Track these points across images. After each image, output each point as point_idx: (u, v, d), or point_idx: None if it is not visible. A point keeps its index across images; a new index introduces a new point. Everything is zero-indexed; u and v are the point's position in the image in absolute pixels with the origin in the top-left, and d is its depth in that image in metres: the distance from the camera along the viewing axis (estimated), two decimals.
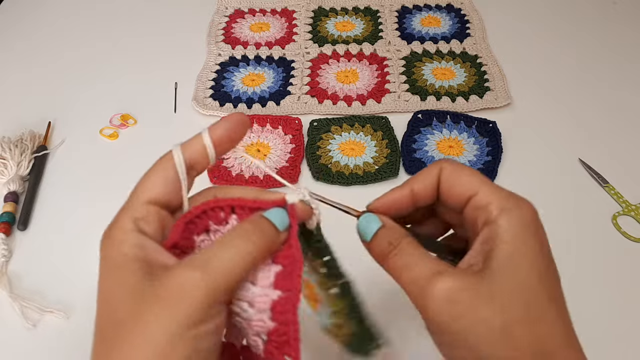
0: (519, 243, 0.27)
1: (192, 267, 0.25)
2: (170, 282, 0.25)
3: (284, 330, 0.27)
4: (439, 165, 0.31)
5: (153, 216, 0.28)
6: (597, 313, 0.50)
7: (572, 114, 0.70)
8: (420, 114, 0.69)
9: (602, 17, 0.86)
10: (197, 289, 0.24)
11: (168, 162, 0.29)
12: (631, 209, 0.59)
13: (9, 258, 0.54)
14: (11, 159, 0.61)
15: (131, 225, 0.27)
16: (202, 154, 0.29)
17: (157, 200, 0.28)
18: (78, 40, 0.82)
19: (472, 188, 0.29)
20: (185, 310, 0.24)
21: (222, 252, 0.26)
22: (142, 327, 0.24)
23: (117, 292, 0.25)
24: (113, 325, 0.25)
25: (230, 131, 0.30)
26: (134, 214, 0.27)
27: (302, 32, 0.83)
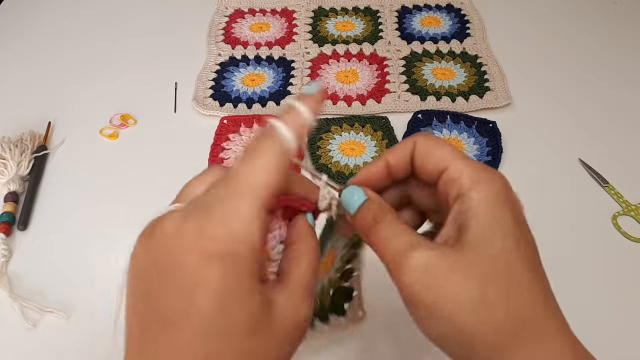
0: (491, 214, 0.27)
1: (310, 304, 0.27)
2: (295, 322, 0.26)
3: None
4: (413, 139, 0.31)
5: (268, 226, 0.27)
6: (597, 313, 0.50)
7: (572, 114, 0.70)
8: (420, 114, 0.69)
9: (602, 17, 0.86)
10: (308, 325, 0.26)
11: (280, 150, 0.25)
12: (631, 209, 0.59)
13: (9, 258, 0.54)
14: (11, 159, 0.61)
15: (261, 240, 0.24)
16: (302, 134, 0.26)
17: (272, 207, 0.25)
18: (78, 40, 0.82)
19: (444, 162, 0.29)
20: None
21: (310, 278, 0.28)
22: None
23: (237, 312, 0.23)
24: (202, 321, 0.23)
25: (319, 106, 0.27)
26: (263, 225, 0.24)
27: (302, 32, 0.83)
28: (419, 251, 0.27)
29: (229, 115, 0.69)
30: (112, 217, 0.58)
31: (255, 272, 0.24)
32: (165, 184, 0.62)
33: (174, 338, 0.23)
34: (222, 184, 0.25)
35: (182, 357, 0.23)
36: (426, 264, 0.27)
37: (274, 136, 0.25)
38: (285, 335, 0.25)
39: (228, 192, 0.24)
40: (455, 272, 0.26)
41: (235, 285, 0.23)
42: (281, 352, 0.25)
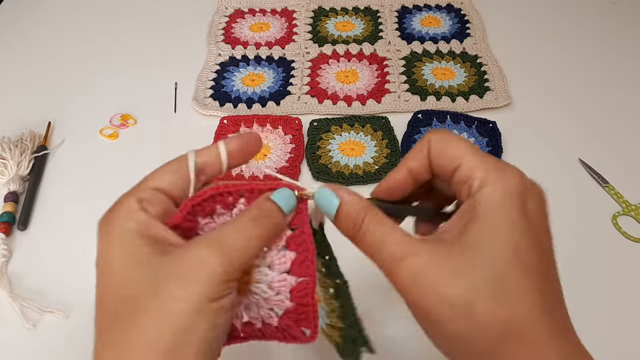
0: (495, 218, 0.27)
1: (209, 245, 0.26)
2: (188, 258, 0.26)
3: (303, 310, 0.29)
4: (428, 136, 0.31)
5: (158, 199, 0.28)
6: (597, 313, 0.50)
7: (572, 114, 0.70)
8: (420, 114, 0.69)
9: (602, 17, 0.86)
10: (215, 266, 0.25)
11: (181, 162, 0.30)
12: (631, 209, 0.59)
13: (9, 258, 0.54)
14: (11, 159, 0.61)
15: (136, 205, 0.27)
16: (214, 160, 0.30)
17: (164, 189, 0.29)
18: (78, 40, 0.82)
19: (457, 159, 0.29)
20: (206, 286, 0.25)
21: (235, 232, 0.27)
22: (162, 300, 0.25)
23: (126, 267, 0.26)
24: (125, 301, 0.25)
25: (244, 146, 0.31)
26: (139, 195, 0.28)
27: (302, 32, 0.83)
28: (412, 258, 0.27)
29: (229, 115, 0.69)
30: None
31: (138, 230, 0.27)
32: None
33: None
34: None
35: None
36: (416, 272, 0.27)
37: (180, 157, 0.31)
38: (181, 271, 0.26)
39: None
40: (444, 279, 0.26)
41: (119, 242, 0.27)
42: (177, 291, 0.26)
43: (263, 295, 0.30)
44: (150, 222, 0.27)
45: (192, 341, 0.25)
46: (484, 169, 0.28)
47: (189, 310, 0.24)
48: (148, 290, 0.25)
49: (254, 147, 0.31)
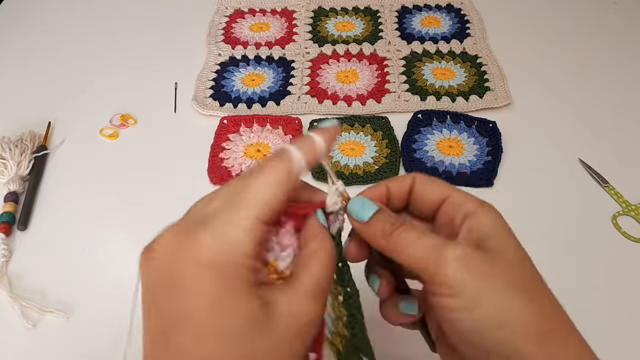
0: (504, 231, 0.30)
1: (315, 300, 0.27)
2: (296, 321, 0.26)
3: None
4: (413, 175, 0.33)
5: (264, 238, 0.26)
6: (597, 313, 0.50)
7: (572, 114, 0.70)
8: (420, 114, 0.69)
9: (602, 17, 0.86)
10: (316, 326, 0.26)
11: (286, 168, 0.27)
12: (631, 209, 0.59)
13: (9, 258, 0.54)
14: (11, 159, 0.61)
15: (252, 250, 0.25)
16: (313, 161, 0.29)
17: (272, 221, 0.26)
18: (78, 41, 0.82)
19: (445, 192, 0.32)
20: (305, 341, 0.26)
21: (324, 280, 0.27)
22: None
23: (238, 307, 0.24)
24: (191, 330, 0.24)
25: (332, 140, 0.30)
26: (257, 237, 0.25)
27: (302, 32, 0.83)
28: (457, 245, 0.28)
29: (229, 115, 0.69)
30: (112, 217, 0.58)
31: (249, 278, 0.25)
32: (166, 184, 0.62)
33: (175, 345, 0.24)
34: (224, 196, 0.26)
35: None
36: (467, 257, 0.28)
37: (283, 157, 0.27)
38: (287, 335, 0.25)
39: (226, 205, 0.25)
40: (492, 268, 0.28)
41: (227, 289, 0.24)
42: (284, 353, 0.25)
43: None
44: (260, 267, 0.26)
45: None
46: (471, 199, 0.31)
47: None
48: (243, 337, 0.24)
49: (335, 140, 0.31)
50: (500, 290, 0.27)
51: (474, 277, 0.27)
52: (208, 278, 0.24)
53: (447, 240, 0.29)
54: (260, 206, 0.25)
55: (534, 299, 0.28)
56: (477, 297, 0.27)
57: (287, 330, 0.25)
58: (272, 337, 0.24)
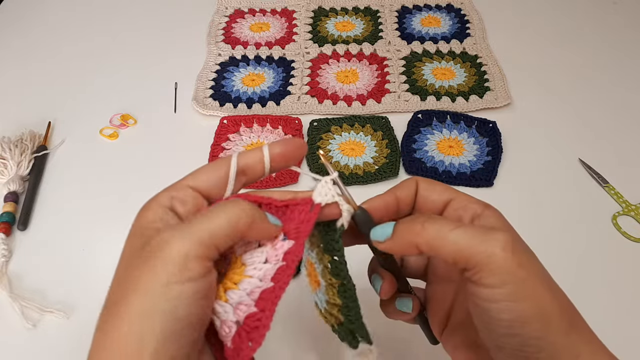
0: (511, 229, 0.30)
1: (174, 227, 0.27)
2: (156, 240, 0.27)
3: (260, 316, 0.28)
4: (414, 179, 0.34)
5: (190, 198, 0.29)
6: (597, 313, 0.50)
7: (572, 114, 0.70)
8: (420, 114, 0.69)
9: (602, 17, 0.86)
10: (178, 243, 0.26)
11: (223, 162, 0.31)
12: (631, 209, 0.59)
13: (9, 258, 0.54)
14: (11, 159, 0.61)
15: (166, 202, 0.29)
16: (257, 163, 0.31)
17: (199, 188, 0.30)
18: (78, 41, 0.82)
19: (448, 195, 0.33)
20: (170, 261, 0.26)
21: (207, 217, 0.28)
22: (134, 283, 0.26)
23: (125, 256, 0.28)
24: (122, 281, 0.28)
25: (288, 151, 0.32)
26: (172, 193, 0.29)
27: (302, 32, 0.83)
28: (499, 233, 0.28)
29: (229, 115, 0.69)
30: (112, 217, 0.58)
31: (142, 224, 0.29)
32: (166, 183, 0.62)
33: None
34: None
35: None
36: (514, 243, 0.28)
37: (224, 157, 0.31)
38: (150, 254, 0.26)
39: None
40: (529, 255, 0.29)
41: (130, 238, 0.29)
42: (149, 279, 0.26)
43: (237, 300, 0.29)
44: (168, 219, 0.28)
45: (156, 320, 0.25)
46: (475, 201, 0.32)
47: (157, 291, 0.25)
48: (127, 276, 0.27)
49: (298, 153, 0.32)
50: (538, 282, 0.28)
51: (520, 267, 0.27)
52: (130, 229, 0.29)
53: (488, 228, 0.29)
54: (189, 178, 0.31)
55: (556, 292, 0.29)
56: (522, 288, 0.27)
57: (150, 249, 0.26)
58: (140, 256, 0.27)
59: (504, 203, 0.36)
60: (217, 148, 0.65)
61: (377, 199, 0.34)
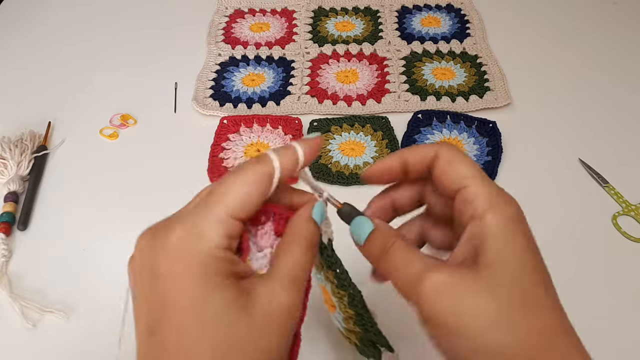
0: (506, 236, 0.28)
1: (290, 288, 0.27)
2: (274, 308, 0.26)
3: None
4: (436, 147, 0.31)
5: (237, 232, 0.27)
6: (597, 313, 0.50)
7: (572, 114, 0.70)
8: (420, 114, 0.69)
9: (602, 17, 0.86)
10: (296, 310, 0.27)
11: (268, 179, 0.28)
12: (631, 209, 0.59)
13: (9, 258, 0.54)
14: (11, 159, 0.61)
15: (226, 242, 0.26)
16: (292, 167, 0.29)
17: (244, 217, 0.27)
18: (78, 40, 0.82)
19: (463, 180, 0.29)
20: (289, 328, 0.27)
21: (296, 268, 0.28)
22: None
23: (210, 304, 0.25)
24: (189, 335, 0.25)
25: (314, 150, 0.30)
26: (227, 230, 0.26)
27: (302, 32, 0.83)
28: (435, 273, 0.27)
29: (229, 115, 0.69)
30: (112, 217, 0.58)
31: (220, 267, 0.26)
32: (165, 183, 0.62)
33: (161, 341, 0.25)
34: (200, 197, 0.28)
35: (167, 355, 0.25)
36: (445, 284, 0.27)
37: (262, 161, 0.28)
38: (267, 323, 0.26)
39: (201, 202, 0.27)
40: (475, 293, 0.26)
41: (199, 278, 0.25)
42: (265, 341, 0.26)
43: None
44: (234, 260, 0.27)
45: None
46: (488, 192, 0.29)
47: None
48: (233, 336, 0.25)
49: (318, 150, 0.31)
50: (481, 317, 0.26)
51: (451, 309, 0.26)
52: (179, 268, 0.25)
53: (431, 267, 0.28)
54: (233, 203, 0.26)
55: (525, 318, 0.26)
56: (455, 328, 0.26)
57: (266, 317, 0.26)
58: (251, 323, 0.25)
59: None
60: (217, 148, 0.65)
61: (380, 162, 0.32)
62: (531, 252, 0.28)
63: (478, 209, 0.28)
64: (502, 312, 0.26)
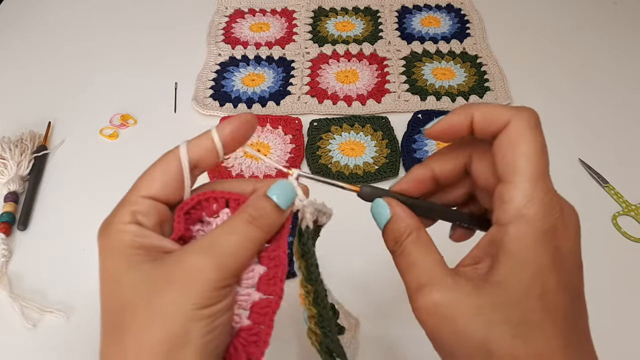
0: (524, 257, 0.26)
1: (201, 251, 0.26)
2: (181, 266, 0.26)
3: (257, 330, 0.27)
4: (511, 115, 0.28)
5: (151, 210, 0.28)
6: (597, 313, 0.50)
7: (572, 114, 0.70)
8: (420, 114, 0.69)
9: (602, 17, 0.86)
10: (208, 272, 0.25)
11: (172, 158, 0.29)
12: (631, 209, 0.59)
13: (9, 258, 0.54)
14: (11, 159, 0.61)
15: (129, 218, 0.27)
16: (209, 151, 0.29)
17: (156, 196, 0.28)
18: (78, 41, 0.82)
19: (511, 173, 0.27)
20: (199, 292, 0.25)
21: (228, 236, 0.27)
22: (157, 309, 0.25)
23: (125, 278, 0.26)
24: (123, 310, 0.25)
25: (238, 130, 0.29)
26: (132, 207, 0.28)
27: (302, 32, 0.83)
28: (428, 292, 0.27)
29: (229, 115, 0.69)
30: None
31: (127, 240, 0.27)
32: None
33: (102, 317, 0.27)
34: None
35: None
36: (437, 304, 0.27)
37: (174, 151, 0.29)
38: (169, 278, 0.26)
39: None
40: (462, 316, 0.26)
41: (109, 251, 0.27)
42: (165, 297, 0.25)
43: None
44: (144, 233, 0.27)
45: (188, 346, 0.25)
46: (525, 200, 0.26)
47: (181, 317, 0.24)
48: (142, 296, 0.25)
49: (248, 130, 0.30)
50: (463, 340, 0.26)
51: (438, 328, 0.27)
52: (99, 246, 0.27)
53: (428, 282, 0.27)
54: (140, 184, 0.29)
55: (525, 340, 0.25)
56: (441, 345, 0.27)
57: (168, 273, 0.26)
58: (153, 276, 0.26)
59: None
60: None
61: (444, 120, 0.29)
62: (549, 274, 0.26)
63: (506, 215, 0.26)
64: (484, 338, 0.25)
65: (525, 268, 0.26)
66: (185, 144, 0.29)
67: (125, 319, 0.25)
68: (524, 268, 0.26)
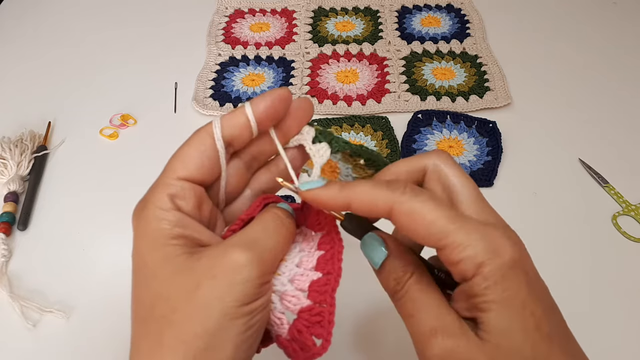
0: (506, 298, 0.25)
1: (244, 247, 0.26)
2: (223, 260, 0.25)
3: (319, 310, 0.27)
4: (388, 199, 0.26)
5: (189, 192, 0.27)
6: (597, 313, 0.50)
7: (572, 114, 0.70)
8: (420, 114, 0.69)
9: (602, 17, 0.86)
10: (250, 268, 0.25)
11: (205, 136, 0.28)
12: (631, 209, 0.59)
13: (9, 258, 0.54)
14: (11, 159, 0.61)
15: (169, 204, 0.26)
16: (243, 128, 0.28)
17: (193, 176, 0.28)
18: (78, 41, 0.82)
19: (440, 239, 0.25)
20: (241, 288, 0.25)
21: (265, 233, 0.27)
22: (198, 303, 0.24)
23: (162, 270, 0.25)
24: (159, 298, 0.25)
25: (273, 107, 0.28)
26: (169, 191, 0.27)
27: (302, 32, 0.83)
28: (439, 340, 0.26)
29: None
30: (112, 216, 0.58)
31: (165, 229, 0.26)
32: None
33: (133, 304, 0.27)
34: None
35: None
36: (450, 353, 0.25)
37: (207, 127, 0.28)
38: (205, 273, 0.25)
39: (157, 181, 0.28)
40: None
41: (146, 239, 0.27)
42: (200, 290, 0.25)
43: (281, 289, 0.28)
44: (183, 222, 0.26)
45: (226, 342, 0.24)
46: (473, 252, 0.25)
47: (222, 313, 0.24)
48: (182, 289, 0.25)
49: (284, 105, 0.28)
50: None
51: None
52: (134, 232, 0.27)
53: (439, 328, 0.26)
54: (175, 165, 0.28)
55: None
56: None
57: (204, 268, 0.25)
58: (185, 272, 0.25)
59: (503, 203, 0.36)
60: None
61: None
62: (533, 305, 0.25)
63: (466, 271, 0.25)
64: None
65: (511, 309, 0.25)
66: (218, 120, 0.28)
67: (162, 312, 0.25)
68: (509, 310, 0.25)
